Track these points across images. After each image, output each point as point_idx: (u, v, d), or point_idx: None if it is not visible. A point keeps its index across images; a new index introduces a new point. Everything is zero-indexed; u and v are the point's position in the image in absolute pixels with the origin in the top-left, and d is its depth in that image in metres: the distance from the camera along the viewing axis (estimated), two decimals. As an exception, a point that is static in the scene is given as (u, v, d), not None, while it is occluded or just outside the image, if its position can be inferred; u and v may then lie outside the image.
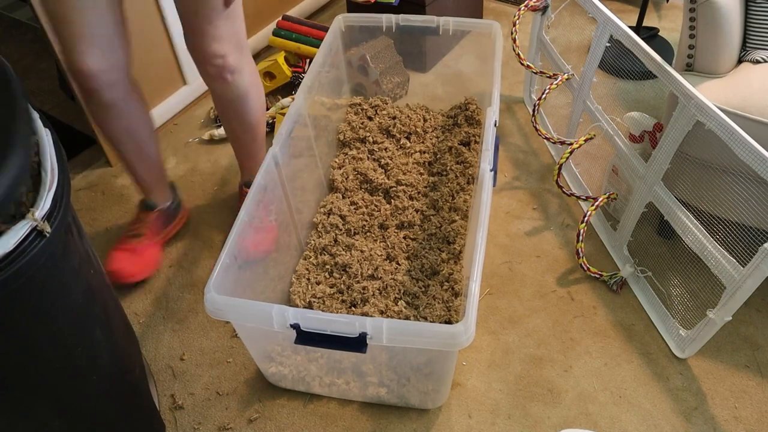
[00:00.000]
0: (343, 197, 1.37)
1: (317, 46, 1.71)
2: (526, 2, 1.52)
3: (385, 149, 1.45)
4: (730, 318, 1.00)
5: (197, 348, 1.20)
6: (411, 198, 1.35)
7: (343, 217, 1.31)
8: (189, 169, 1.58)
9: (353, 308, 1.15)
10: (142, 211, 1.31)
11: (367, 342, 0.85)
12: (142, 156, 1.20)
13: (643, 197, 1.18)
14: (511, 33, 1.51)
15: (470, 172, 1.40)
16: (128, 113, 1.12)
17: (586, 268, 1.28)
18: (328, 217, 1.32)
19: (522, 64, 1.52)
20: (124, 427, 0.90)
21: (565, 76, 1.44)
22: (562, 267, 1.32)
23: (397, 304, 1.13)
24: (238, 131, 1.24)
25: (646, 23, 1.92)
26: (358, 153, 1.45)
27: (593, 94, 1.37)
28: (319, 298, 1.17)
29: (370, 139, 1.47)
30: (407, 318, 1.11)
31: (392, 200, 1.35)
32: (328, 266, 1.23)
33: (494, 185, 1.13)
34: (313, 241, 1.28)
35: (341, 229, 1.29)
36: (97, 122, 1.12)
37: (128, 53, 1.06)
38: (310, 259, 1.26)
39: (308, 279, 1.21)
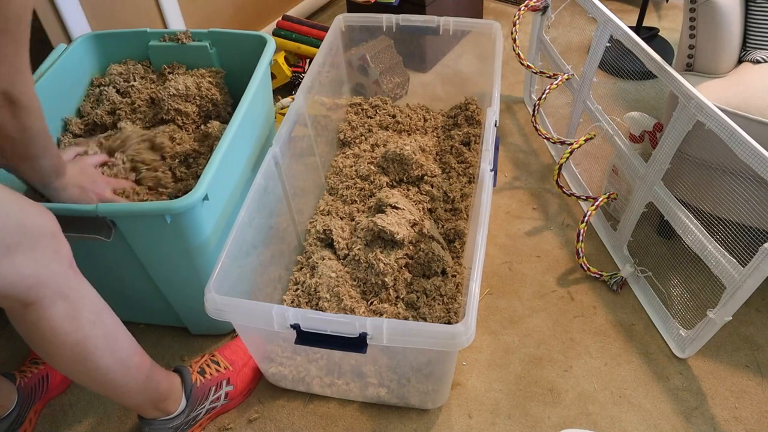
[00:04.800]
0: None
1: (317, 46, 1.71)
2: (526, 2, 1.52)
3: (385, 149, 1.45)
4: (731, 318, 1.00)
5: (197, 348, 1.20)
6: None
7: (342, 218, 1.31)
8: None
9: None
10: None
11: (367, 342, 0.85)
12: None
13: (643, 197, 1.18)
14: (511, 33, 1.51)
15: (470, 172, 1.40)
16: None
17: (586, 268, 1.28)
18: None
19: (522, 64, 1.52)
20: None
21: (565, 76, 1.44)
22: (562, 267, 1.32)
23: (397, 305, 1.13)
24: None
25: (646, 23, 1.92)
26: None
27: (593, 94, 1.37)
28: (319, 298, 1.17)
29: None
30: (407, 318, 1.11)
31: (392, 200, 1.34)
32: (328, 266, 1.23)
33: (494, 185, 1.13)
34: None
35: (341, 229, 1.29)
36: None
37: None
38: (310, 259, 1.26)
39: (308, 279, 1.21)
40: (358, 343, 0.85)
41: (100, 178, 1.00)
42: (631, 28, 1.24)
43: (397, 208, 1.21)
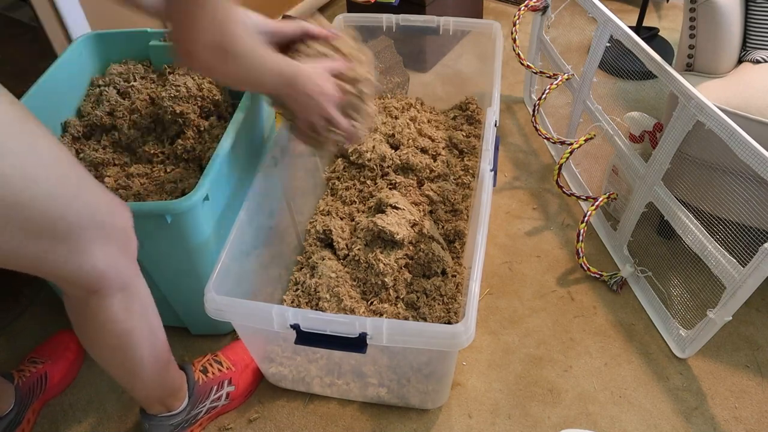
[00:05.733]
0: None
1: (317, 46, 1.71)
2: (526, 2, 1.52)
3: (385, 149, 1.45)
4: (730, 318, 1.00)
5: (198, 349, 1.20)
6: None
7: (342, 218, 1.31)
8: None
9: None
10: None
11: (367, 342, 0.85)
12: None
13: (643, 197, 1.18)
14: (511, 33, 1.51)
15: (471, 172, 1.40)
16: None
17: (586, 268, 1.28)
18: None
19: (522, 64, 1.52)
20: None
21: (565, 76, 1.44)
22: (562, 267, 1.32)
23: (397, 305, 1.13)
24: None
25: (646, 23, 1.92)
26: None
27: (593, 94, 1.37)
28: (319, 298, 1.16)
29: (370, 139, 1.47)
30: (407, 318, 1.11)
31: (392, 200, 1.34)
32: (328, 266, 1.23)
33: (494, 185, 1.13)
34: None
35: (341, 229, 1.28)
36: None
37: None
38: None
39: (308, 279, 1.21)
40: (358, 343, 0.85)
41: (330, 85, 0.93)
42: (631, 28, 1.24)
43: (397, 208, 1.21)
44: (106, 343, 0.82)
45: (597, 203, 1.30)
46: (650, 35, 1.94)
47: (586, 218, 1.28)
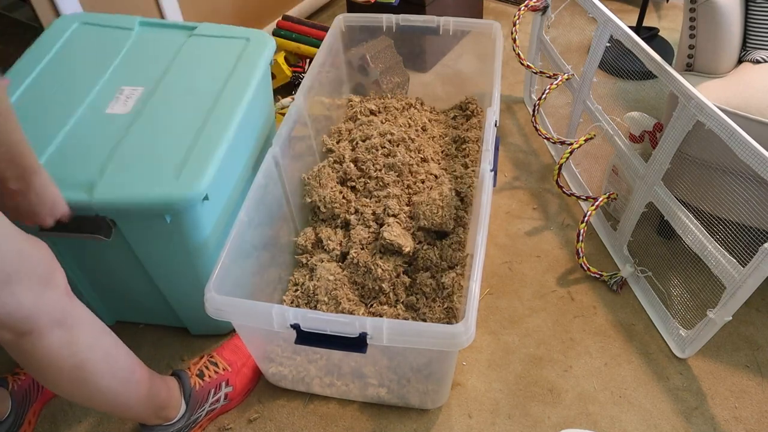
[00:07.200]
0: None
1: (317, 46, 1.71)
2: (526, 2, 1.52)
3: (385, 149, 1.45)
4: (730, 318, 1.00)
5: (197, 349, 1.20)
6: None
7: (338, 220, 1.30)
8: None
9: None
10: None
11: (368, 342, 0.85)
12: None
13: (643, 197, 1.18)
14: (511, 33, 1.51)
15: (470, 173, 1.40)
16: None
17: (586, 268, 1.28)
18: (328, 217, 1.31)
19: (522, 64, 1.52)
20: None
21: (565, 76, 1.44)
22: (562, 267, 1.32)
23: (396, 306, 1.13)
24: None
25: (646, 23, 1.92)
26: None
27: (593, 94, 1.37)
28: (319, 298, 1.16)
29: (370, 139, 1.47)
30: (407, 320, 1.11)
31: (392, 200, 1.34)
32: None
33: (494, 185, 1.13)
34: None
35: (341, 229, 1.28)
36: None
37: None
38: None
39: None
40: (358, 343, 0.85)
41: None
42: (631, 28, 1.24)
43: (395, 215, 1.20)
44: (59, 380, 0.78)
45: (597, 203, 1.30)
46: (650, 35, 1.94)
47: (586, 218, 1.28)
